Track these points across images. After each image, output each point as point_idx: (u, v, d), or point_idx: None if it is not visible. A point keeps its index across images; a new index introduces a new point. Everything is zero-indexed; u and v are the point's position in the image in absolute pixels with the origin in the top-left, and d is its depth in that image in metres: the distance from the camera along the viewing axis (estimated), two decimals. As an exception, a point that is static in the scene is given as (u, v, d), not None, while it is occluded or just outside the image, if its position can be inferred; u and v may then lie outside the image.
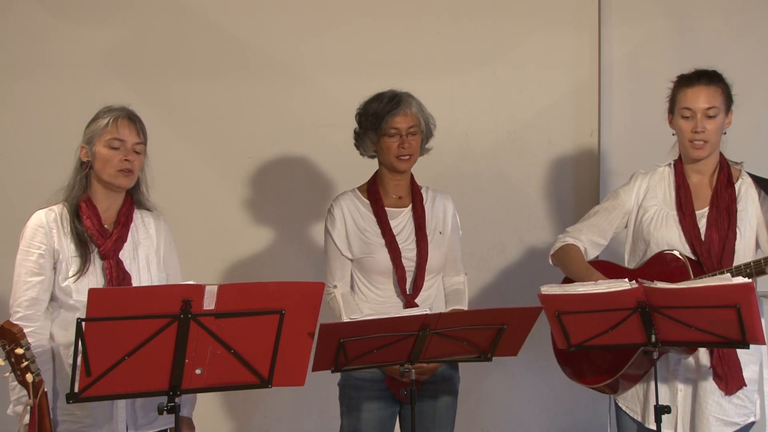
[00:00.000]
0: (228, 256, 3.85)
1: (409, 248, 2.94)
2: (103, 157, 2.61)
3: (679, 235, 2.84)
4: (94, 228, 2.61)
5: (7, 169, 3.77)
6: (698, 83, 2.83)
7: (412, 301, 2.88)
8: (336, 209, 2.98)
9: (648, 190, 2.95)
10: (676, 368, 2.81)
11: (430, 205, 3.03)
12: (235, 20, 3.88)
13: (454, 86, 3.91)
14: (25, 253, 2.58)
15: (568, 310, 2.57)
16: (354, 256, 2.94)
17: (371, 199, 2.98)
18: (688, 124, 2.83)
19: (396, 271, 2.90)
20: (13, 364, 2.27)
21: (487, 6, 3.94)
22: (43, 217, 2.60)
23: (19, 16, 3.79)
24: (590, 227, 2.99)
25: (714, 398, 2.78)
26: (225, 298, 2.21)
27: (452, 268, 3.05)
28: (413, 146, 2.94)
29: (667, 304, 2.48)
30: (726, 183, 2.87)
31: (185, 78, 3.85)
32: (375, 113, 2.93)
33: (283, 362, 2.31)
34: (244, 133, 3.86)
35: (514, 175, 3.94)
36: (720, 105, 2.82)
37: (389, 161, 2.95)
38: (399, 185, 3.01)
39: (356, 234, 2.94)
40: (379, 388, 2.87)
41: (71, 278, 2.57)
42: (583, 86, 3.94)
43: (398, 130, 2.92)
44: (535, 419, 3.94)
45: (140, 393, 2.29)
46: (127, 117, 2.65)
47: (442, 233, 3.01)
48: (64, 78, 3.77)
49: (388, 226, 2.94)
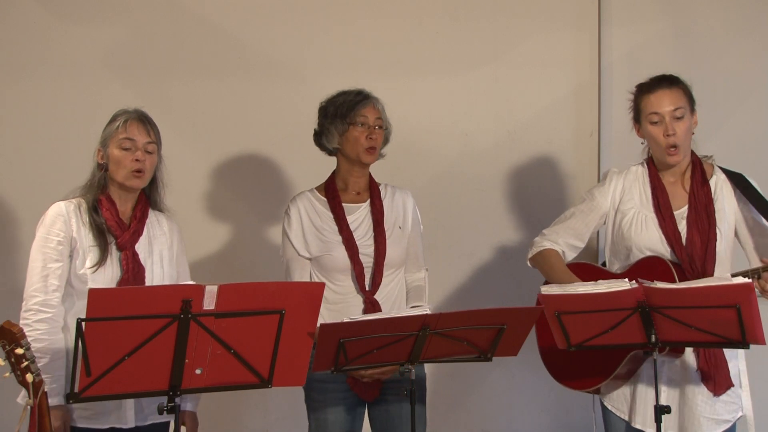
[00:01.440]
0: (228, 256, 3.85)
1: (367, 244, 2.92)
2: (116, 159, 2.68)
3: (660, 239, 2.83)
4: (112, 219, 2.67)
5: (8, 168, 3.77)
6: (659, 87, 2.83)
7: (372, 298, 2.87)
8: (292, 209, 2.98)
9: (624, 191, 2.94)
10: (661, 369, 2.79)
11: (389, 200, 3.02)
12: (235, 20, 3.88)
13: (454, 86, 3.91)
14: (45, 240, 2.63)
15: (568, 310, 2.57)
16: (312, 255, 2.93)
17: (328, 197, 2.98)
18: (658, 129, 2.82)
19: (354, 267, 2.88)
20: (13, 364, 2.27)
21: (487, 6, 3.94)
22: (63, 207, 2.67)
23: (20, 16, 3.79)
24: (567, 230, 2.98)
25: (702, 398, 2.78)
26: (225, 298, 2.21)
27: (413, 264, 3.03)
28: (378, 140, 2.94)
29: (667, 304, 2.49)
30: (701, 181, 2.87)
31: (185, 78, 3.84)
32: (344, 103, 2.95)
33: (283, 362, 2.31)
34: (244, 132, 3.86)
35: (514, 175, 3.94)
36: (685, 105, 2.83)
37: (356, 153, 2.93)
38: (358, 181, 3.00)
39: (313, 233, 2.93)
40: (342, 389, 2.87)
41: (90, 268, 2.62)
42: (582, 86, 3.94)
43: (367, 120, 2.92)
44: (535, 419, 3.94)
45: (140, 393, 2.30)
46: (138, 118, 2.72)
47: (401, 228, 2.99)
48: (64, 78, 3.77)
49: (345, 223, 2.93)
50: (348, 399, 2.87)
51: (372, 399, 2.87)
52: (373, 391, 2.85)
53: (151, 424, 2.67)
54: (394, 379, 2.80)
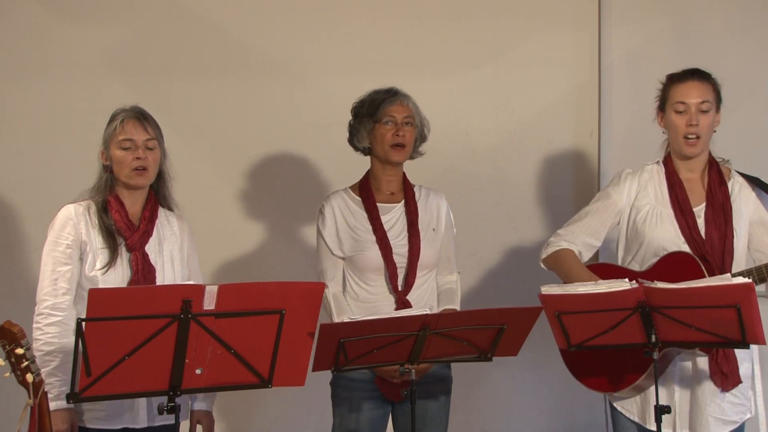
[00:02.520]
0: (228, 255, 3.84)
1: (401, 244, 2.93)
2: (118, 159, 2.68)
3: (676, 234, 2.83)
4: (122, 221, 2.68)
5: (8, 170, 3.76)
6: (691, 78, 2.86)
7: (404, 298, 2.87)
8: (327, 208, 2.98)
9: (639, 189, 2.93)
10: (673, 369, 2.80)
11: (423, 202, 3.02)
12: (235, 21, 3.88)
13: (454, 86, 3.91)
14: (54, 243, 2.64)
15: (569, 310, 2.57)
16: (345, 255, 2.93)
17: (362, 196, 2.98)
18: (681, 118, 2.83)
19: (387, 267, 2.88)
20: (13, 365, 2.27)
21: (488, 6, 3.93)
22: (72, 210, 2.67)
23: (20, 17, 3.78)
24: (583, 229, 2.96)
25: (712, 399, 2.78)
26: (225, 298, 2.22)
27: (445, 267, 3.03)
28: (407, 137, 2.93)
29: (667, 304, 2.48)
30: (719, 181, 2.87)
31: (185, 78, 3.84)
32: (372, 101, 2.95)
33: (283, 362, 2.31)
34: (245, 133, 3.86)
35: (514, 175, 3.94)
36: (712, 101, 2.85)
37: (383, 151, 2.93)
38: (391, 181, 3.00)
39: (347, 232, 2.93)
40: (369, 388, 2.87)
41: (100, 270, 2.63)
42: (583, 86, 3.94)
43: (393, 118, 2.92)
44: (535, 419, 3.94)
45: (141, 393, 2.30)
46: (135, 116, 2.71)
47: (435, 230, 3.00)
48: (64, 78, 3.77)
49: (379, 222, 2.93)
50: (374, 398, 2.87)
51: (399, 400, 2.85)
52: (400, 391, 2.84)
53: (162, 424, 2.65)
54: (423, 380, 2.80)
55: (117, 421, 2.61)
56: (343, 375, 2.82)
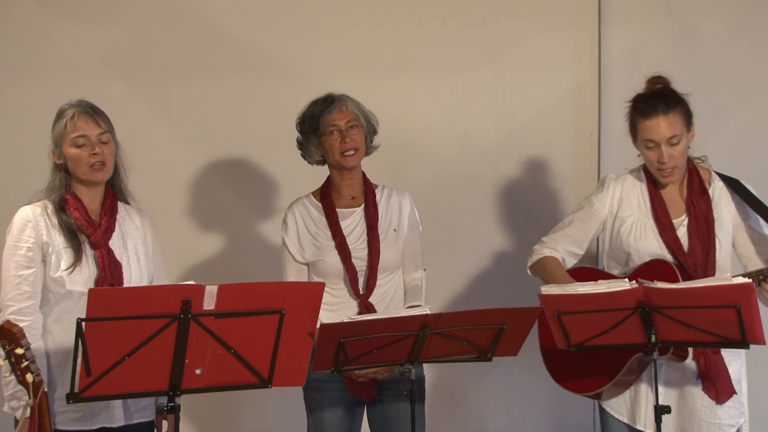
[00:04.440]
0: (227, 255, 3.85)
1: (360, 248, 2.93)
2: (73, 157, 2.63)
3: (660, 246, 2.82)
4: (82, 218, 2.63)
5: (6, 169, 3.76)
6: (656, 114, 2.75)
7: (366, 301, 2.88)
8: (289, 216, 2.99)
9: (622, 198, 2.92)
10: (659, 370, 2.76)
11: (384, 203, 3.01)
12: (236, 20, 3.88)
13: (454, 86, 3.90)
14: (14, 247, 2.58)
15: (568, 310, 2.57)
16: (307, 261, 2.94)
17: (323, 202, 2.98)
18: (653, 153, 2.79)
19: (347, 271, 2.88)
20: (13, 365, 2.27)
21: (488, 6, 3.93)
22: (30, 212, 2.62)
23: (20, 17, 3.79)
24: (566, 237, 2.96)
25: (703, 403, 2.77)
26: (225, 298, 2.21)
27: (411, 265, 3.03)
28: (356, 140, 2.92)
29: (667, 304, 2.48)
30: (699, 190, 2.85)
31: (185, 78, 3.84)
32: (311, 116, 2.95)
33: (283, 362, 2.31)
34: (245, 133, 3.86)
35: (514, 175, 3.94)
36: (681, 130, 2.77)
37: (336, 160, 2.93)
38: (351, 185, 3.00)
39: (308, 239, 2.94)
40: (338, 389, 2.87)
41: (66, 270, 2.58)
42: (583, 86, 3.94)
43: (337, 127, 2.91)
44: (534, 419, 3.94)
45: (140, 393, 2.30)
46: (84, 111, 2.65)
47: (396, 231, 2.99)
48: (64, 78, 3.76)
49: (339, 228, 2.93)
50: (345, 399, 2.87)
51: (369, 399, 2.87)
52: (369, 391, 2.85)
53: (138, 422, 2.65)
54: (391, 379, 2.80)
55: (93, 421, 2.58)
56: (312, 377, 2.78)
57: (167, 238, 2.93)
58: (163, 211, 2.95)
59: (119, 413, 2.61)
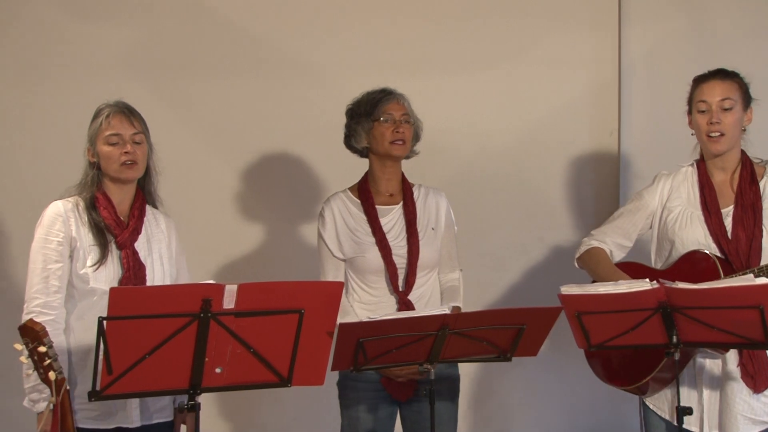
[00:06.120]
0: (245, 254, 3.85)
1: (400, 245, 2.93)
2: (105, 155, 2.66)
3: (705, 234, 2.83)
4: (111, 218, 2.65)
5: (27, 168, 3.78)
6: (713, 78, 2.86)
7: (405, 298, 2.88)
8: (326, 211, 2.98)
9: (672, 190, 2.94)
10: (701, 368, 2.79)
11: (422, 202, 3.02)
12: (250, 19, 3.88)
13: (472, 86, 3.89)
14: (44, 240, 2.60)
15: (589, 310, 2.55)
16: (346, 257, 2.94)
17: (361, 198, 2.98)
18: (704, 117, 2.84)
19: (387, 268, 2.89)
20: (36, 362, 2.28)
21: (506, 5, 3.92)
22: (61, 206, 2.64)
23: (37, 16, 3.80)
24: (614, 229, 2.99)
25: (742, 397, 2.76)
26: (244, 298, 2.22)
27: (447, 265, 3.04)
28: (406, 133, 2.95)
29: (688, 304, 2.46)
30: (750, 180, 2.86)
31: (201, 77, 3.85)
32: (369, 101, 2.97)
33: (303, 361, 2.31)
34: (260, 131, 3.86)
35: (533, 174, 3.92)
36: (736, 98, 2.83)
37: (384, 148, 2.94)
38: (391, 180, 3.00)
39: (347, 234, 2.94)
40: (375, 388, 2.87)
41: (91, 267, 2.60)
42: (602, 85, 3.92)
43: (392, 116, 2.93)
44: (554, 420, 3.92)
45: (161, 391, 2.31)
46: (120, 111, 2.68)
47: (434, 229, 3.00)
48: (81, 77, 3.78)
49: (378, 224, 2.93)
50: (381, 398, 2.87)
51: (405, 399, 2.86)
52: (406, 391, 2.85)
53: (156, 423, 2.66)
54: (428, 380, 2.80)
55: (110, 421, 2.59)
56: (350, 375, 2.83)
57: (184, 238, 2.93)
58: (179, 210, 2.95)
59: (136, 414, 2.61)
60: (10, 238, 3.75)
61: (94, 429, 2.58)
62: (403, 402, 2.90)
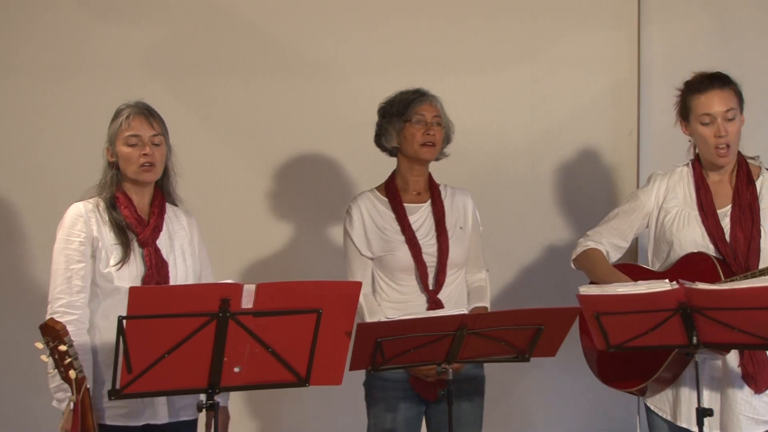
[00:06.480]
0: (264, 254, 3.86)
1: (430, 243, 2.93)
2: (124, 156, 2.67)
3: (702, 235, 2.81)
4: (132, 216, 2.67)
5: (47, 168, 3.81)
6: (712, 88, 2.79)
7: (435, 297, 2.88)
8: (354, 209, 2.98)
9: (668, 191, 2.92)
10: (702, 368, 2.75)
11: (449, 201, 3.02)
12: (271, 20, 3.89)
13: (491, 85, 3.89)
14: (65, 242, 2.62)
15: (608, 310, 2.54)
16: (374, 255, 2.94)
17: (389, 196, 2.98)
18: (709, 129, 2.80)
19: (417, 267, 2.89)
20: (57, 361, 2.30)
21: (525, 4, 3.91)
22: (81, 207, 2.66)
23: (58, 17, 3.83)
24: (610, 230, 2.96)
25: (743, 397, 2.75)
26: (263, 297, 2.22)
27: (474, 265, 3.04)
28: (437, 136, 2.95)
29: (709, 305, 2.45)
30: (746, 181, 2.84)
31: (222, 78, 3.86)
32: (402, 101, 2.96)
33: (321, 361, 2.32)
34: (281, 132, 3.87)
35: (552, 174, 3.91)
36: (736, 106, 2.80)
37: (413, 150, 2.94)
38: (418, 181, 3.00)
39: (375, 233, 2.94)
40: (404, 388, 2.87)
41: (114, 266, 2.62)
42: (621, 84, 3.90)
43: (424, 117, 2.93)
44: (572, 420, 3.91)
45: (180, 390, 2.33)
46: (140, 112, 2.69)
47: (462, 228, 3.00)
48: (102, 78, 3.80)
49: (407, 222, 2.93)
50: (409, 398, 2.87)
51: (434, 399, 2.85)
52: (435, 390, 2.84)
53: (183, 420, 2.68)
54: (456, 380, 2.79)
55: (138, 418, 2.61)
56: (378, 375, 2.82)
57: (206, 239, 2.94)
58: (202, 211, 2.97)
59: (163, 410, 2.63)
60: (31, 239, 3.78)
61: (123, 426, 2.61)
62: (430, 402, 2.89)
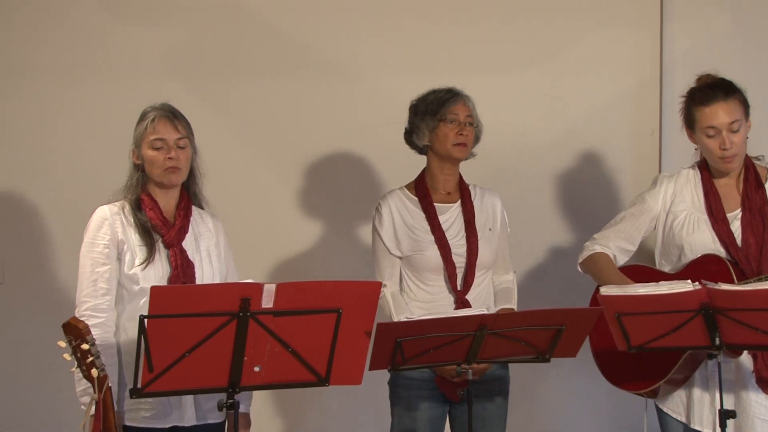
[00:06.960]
0: (284, 254, 3.87)
1: (459, 244, 2.93)
2: (150, 159, 2.68)
3: (713, 239, 2.79)
4: (157, 218, 2.68)
5: (70, 169, 3.84)
6: (715, 100, 2.75)
7: (463, 297, 2.87)
8: (384, 207, 2.98)
9: (675, 194, 2.90)
10: (714, 370, 2.72)
11: (479, 202, 3.02)
12: (292, 21, 3.90)
13: (511, 85, 3.88)
14: (91, 245, 2.65)
15: (629, 311, 2.52)
16: (403, 254, 2.94)
17: (419, 195, 2.98)
18: (714, 142, 2.77)
19: (446, 267, 2.88)
20: (79, 360, 2.32)
21: (546, 4, 3.90)
22: (107, 211, 2.68)
23: (80, 18, 3.85)
24: (618, 233, 2.94)
25: (757, 400, 2.72)
26: (283, 297, 2.23)
27: (501, 266, 3.04)
28: (469, 136, 2.95)
29: (732, 306, 2.42)
30: (755, 184, 2.81)
31: (243, 79, 3.88)
32: (435, 99, 2.96)
33: (341, 361, 2.32)
34: (302, 132, 3.88)
35: (572, 174, 3.89)
36: (741, 116, 2.77)
37: (445, 149, 2.94)
38: (448, 180, 3.00)
39: (405, 231, 2.94)
40: (429, 387, 2.86)
41: (139, 266, 2.63)
42: (644, 85, 3.88)
43: (457, 117, 2.93)
44: (591, 422, 3.89)
45: (200, 389, 2.34)
46: (165, 115, 2.70)
47: (491, 230, 3.00)
48: (124, 79, 3.83)
49: (437, 222, 2.93)
50: (434, 397, 2.87)
51: (459, 399, 2.84)
52: (458, 391, 2.83)
53: (210, 423, 2.68)
54: (481, 380, 2.79)
55: (165, 420, 2.61)
56: (402, 374, 2.82)
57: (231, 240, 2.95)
58: (227, 212, 2.98)
59: (191, 413, 2.63)
60: (57, 242, 3.81)
61: (150, 428, 2.61)
62: (455, 402, 2.88)
